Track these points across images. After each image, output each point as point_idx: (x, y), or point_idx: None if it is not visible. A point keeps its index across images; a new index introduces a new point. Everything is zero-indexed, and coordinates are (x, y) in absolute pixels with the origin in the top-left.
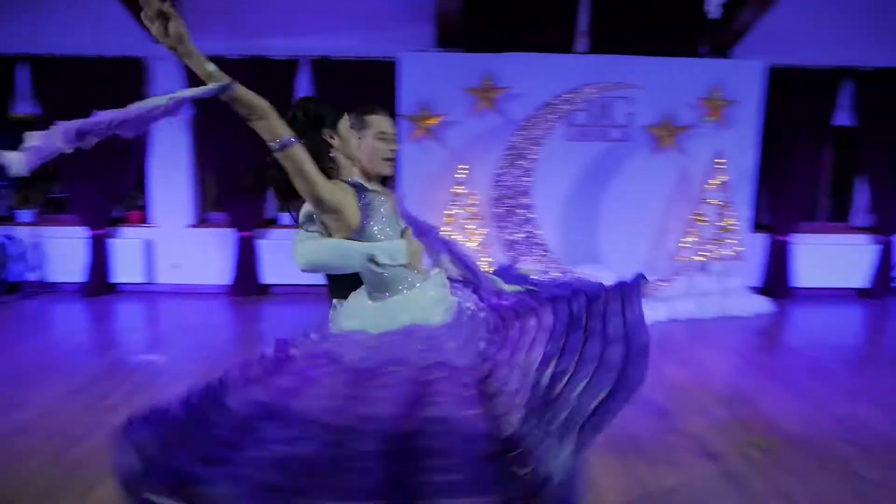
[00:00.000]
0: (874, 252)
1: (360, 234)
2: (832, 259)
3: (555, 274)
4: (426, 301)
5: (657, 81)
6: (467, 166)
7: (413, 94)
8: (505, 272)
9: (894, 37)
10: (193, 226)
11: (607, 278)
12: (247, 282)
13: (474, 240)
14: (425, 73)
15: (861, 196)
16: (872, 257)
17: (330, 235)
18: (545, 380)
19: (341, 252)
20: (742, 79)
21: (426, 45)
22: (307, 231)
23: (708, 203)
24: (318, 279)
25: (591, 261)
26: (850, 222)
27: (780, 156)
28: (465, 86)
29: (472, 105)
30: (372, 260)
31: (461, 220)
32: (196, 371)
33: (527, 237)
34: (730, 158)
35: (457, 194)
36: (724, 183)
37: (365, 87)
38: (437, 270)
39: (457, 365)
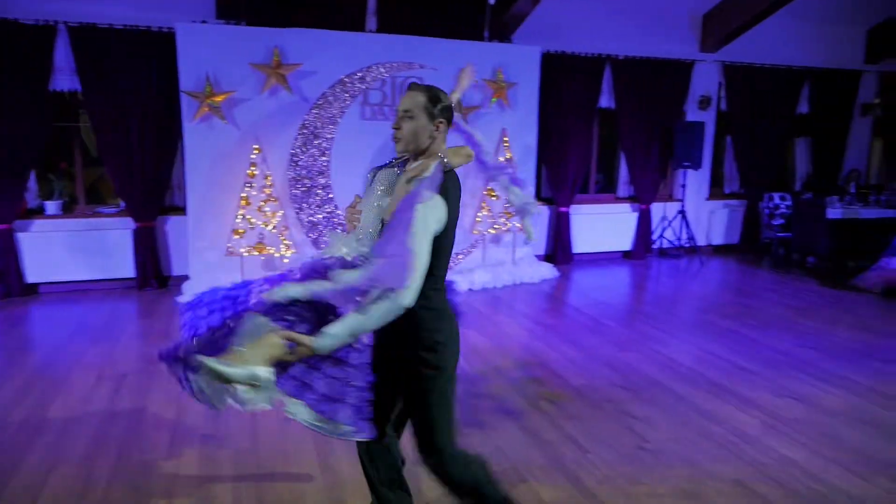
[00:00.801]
0: (635, 219)
1: None
2: (603, 226)
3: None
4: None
5: (446, 62)
6: (259, 146)
7: (194, 68)
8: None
9: (641, 30)
10: None
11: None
12: (6, 282)
13: (272, 222)
14: (207, 47)
15: (623, 170)
16: (634, 223)
17: None
18: None
19: None
20: (522, 63)
21: (207, 15)
22: None
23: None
24: (94, 275)
25: None
26: (616, 193)
27: (556, 134)
28: (251, 61)
29: (262, 82)
30: None
31: (257, 203)
32: None
33: (327, 218)
34: (514, 137)
35: (251, 176)
36: (509, 160)
37: (138, 59)
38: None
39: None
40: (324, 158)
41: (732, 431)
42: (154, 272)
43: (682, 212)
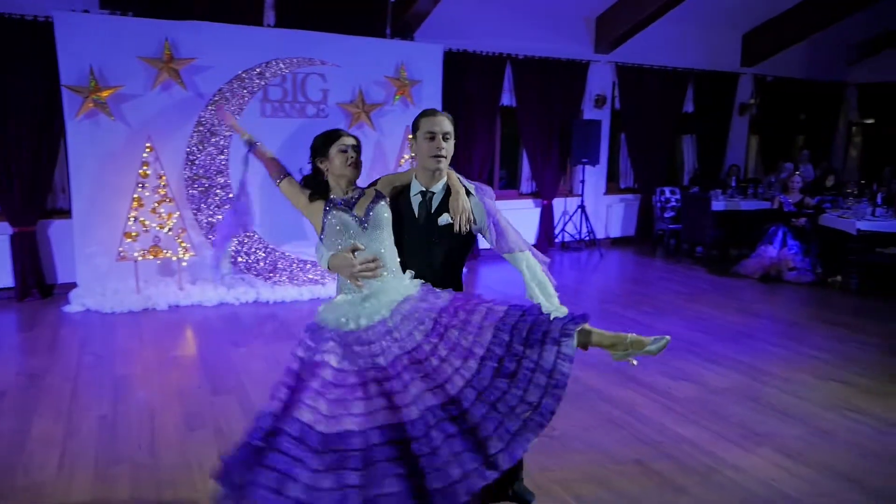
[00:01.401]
0: (538, 214)
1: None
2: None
3: (260, 254)
4: (340, 305)
5: (348, 59)
6: (152, 145)
7: (76, 61)
8: None
9: (540, 30)
10: None
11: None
12: None
13: (168, 224)
14: (90, 38)
15: (525, 166)
16: (537, 218)
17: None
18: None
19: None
20: (424, 60)
21: (89, 4)
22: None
23: None
24: None
25: (298, 238)
26: (520, 189)
27: (460, 132)
28: (140, 54)
29: (153, 76)
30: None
31: (151, 204)
32: None
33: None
34: None
35: (143, 176)
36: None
37: (11, 50)
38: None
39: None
40: (222, 157)
41: (632, 414)
42: (36, 281)
43: (581, 206)
